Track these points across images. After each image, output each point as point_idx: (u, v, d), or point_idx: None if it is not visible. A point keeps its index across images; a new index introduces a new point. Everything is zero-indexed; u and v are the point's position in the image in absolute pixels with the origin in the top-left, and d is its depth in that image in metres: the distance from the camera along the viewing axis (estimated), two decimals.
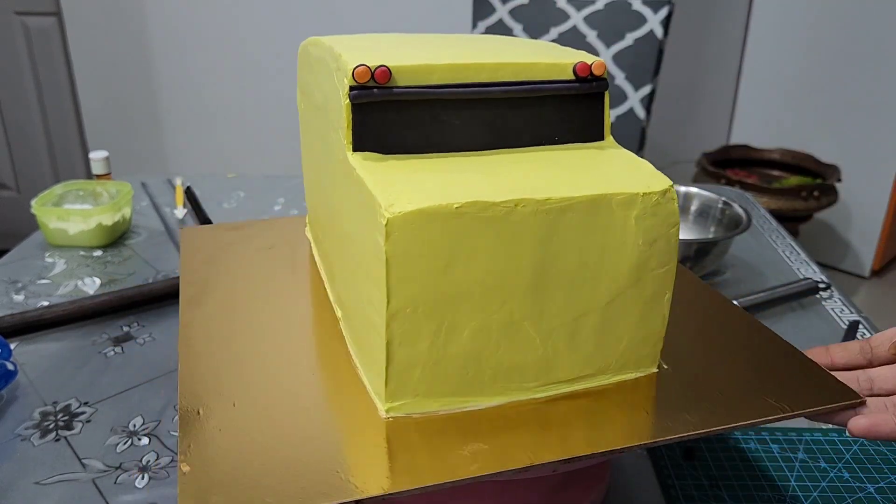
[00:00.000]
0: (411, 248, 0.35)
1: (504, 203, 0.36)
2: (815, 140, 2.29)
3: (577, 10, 1.43)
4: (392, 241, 0.35)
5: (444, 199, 0.36)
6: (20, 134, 2.30)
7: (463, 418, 0.39)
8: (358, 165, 0.40)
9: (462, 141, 0.43)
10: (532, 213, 0.37)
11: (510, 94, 0.43)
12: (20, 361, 0.65)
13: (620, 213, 0.39)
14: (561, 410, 0.40)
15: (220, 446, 0.37)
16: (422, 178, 0.39)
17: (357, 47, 0.44)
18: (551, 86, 0.44)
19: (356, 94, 0.40)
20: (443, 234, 0.36)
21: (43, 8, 2.15)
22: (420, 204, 0.35)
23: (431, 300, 0.37)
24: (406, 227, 0.35)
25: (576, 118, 0.45)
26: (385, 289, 0.36)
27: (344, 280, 0.47)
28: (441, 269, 0.36)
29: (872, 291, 2.29)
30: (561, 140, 0.45)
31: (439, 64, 0.41)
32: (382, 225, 0.35)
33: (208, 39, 2.11)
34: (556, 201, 0.37)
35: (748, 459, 0.55)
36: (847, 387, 0.43)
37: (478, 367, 0.39)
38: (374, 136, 0.42)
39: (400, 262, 0.36)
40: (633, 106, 1.41)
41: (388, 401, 0.39)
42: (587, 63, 0.44)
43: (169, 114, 2.21)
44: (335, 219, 0.48)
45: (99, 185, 0.94)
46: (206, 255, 0.60)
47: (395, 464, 0.36)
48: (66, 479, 0.51)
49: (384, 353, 0.38)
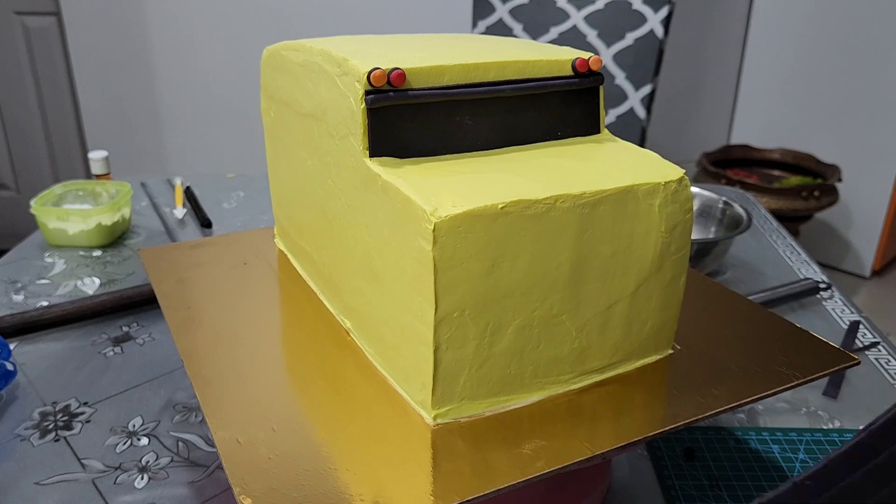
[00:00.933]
0: (458, 252, 0.35)
1: (545, 200, 0.37)
2: (816, 140, 2.29)
3: (578, 9, 1.43)
4: (439, 245, 0.35)
5: (488, 200, 0.36)
6: (19, 134, 2.30)
7: (507, 418, 0.40)
8: (382, 171, 0.39)
9: (474, 141, 0.43)
10: (570, 207, 0.38)
11: (518, 92, 0.44)
12: (20, 361, 0.65)
13: (645, 203, 0.41)
14: (593, 399, 0.41)
15: (273, 474, 0.36)
16: (455, 180, 0.38)
17: (360, 50, 0.44)
18: (553, 82, 0.45)
19: (372, 99, 0.39)
20: (488, 235, 0.36)
21: (42, 8, 2.15)
22: (465, 206, 0.35)
23: (478, 302, 0.37)
24: (453, 230, 0.35)
25: (575, 113, 0.47)
26: (433, 295, 0.36)
27: (358, 290, 0.46)
28: (486, 271, 0.36)
29: (873, 291, 2.29)
30: (563, 135, 0.47)
31: (450, 65, 0.41)
32: (429, 230, 0.34)
33: (208, 39, 2.11)
34: (590, 195, 0.38)
35: (748, 459, 0.55)
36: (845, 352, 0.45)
37: (519, 365, 0.40)
38: (390, 141, 0.41)
39: (447, 267, 0.35)
40: (633, 106, 1.40)
41: (435, 408, 0.38)
42: (585, 59, 0.45)
43: (169, 114, 2.21)
44: (342, 228, 0.47)
45: (98, 185, 0.94)
46: (177, 276, 0.57)
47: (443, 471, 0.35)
48: (65, 479, 0.51)
49: (431, 360, 0.37)
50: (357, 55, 0.42)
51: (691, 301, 0.52)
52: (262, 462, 0.36)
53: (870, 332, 0.73)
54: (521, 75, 0.44)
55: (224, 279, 0.56)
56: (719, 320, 0.49)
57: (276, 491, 0.34)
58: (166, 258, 0.60)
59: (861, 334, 0.72)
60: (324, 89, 0.45)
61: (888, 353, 0.69)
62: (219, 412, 0.40)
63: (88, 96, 2.18)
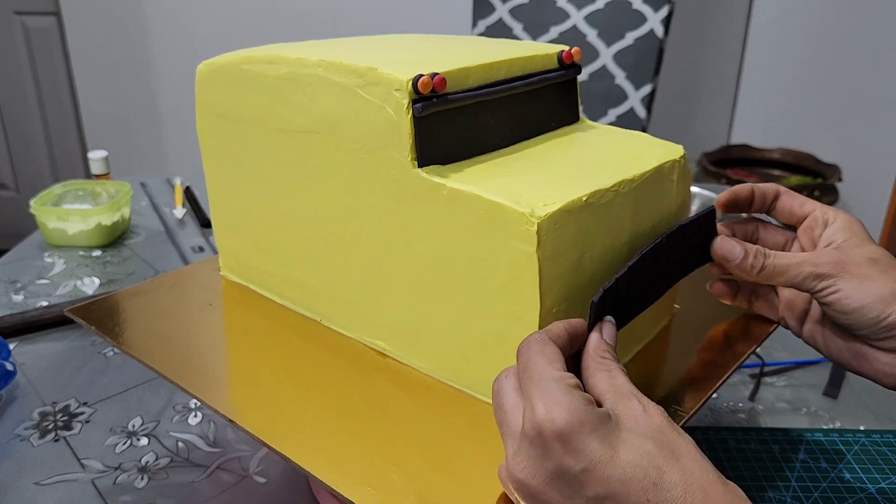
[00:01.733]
0: (558, 248, 0.36)
1: (612, 187, 0.39)
2: (816, 139, 2.29)
3: (578, 9, 1.43)
4: (542, 245, 0.35)
5: (572, 195, 0.37)
6: (19, 134, 2.30)
7: None
8: (444, 180, 0.38)
9: (496, 140, 0.44)
10: (628, 192, 0.40)
11: (525, 88, 0.45)
12: (19, 361, 0.65)
13: (669, 178, 0.44)
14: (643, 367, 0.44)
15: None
16: (519, 180, 0.39)
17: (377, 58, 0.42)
18: (548, 76, 0.47)
19: (421, 107, 0.38)
20: (576, 228, 0.37)
21: (42, 8, 2.15)
22: (557, 203, 0.36)
23: (569, 295, 0.38)
24: (552, 228, 0.35)
25: (564, 103, 0.50)
26: (537, 295, 0.36)
27: (407, 306, 0.43)
28: (575, 263, 0.37)
29: None
30: (556, 125, 0.49)
31: (474, 66, 0.42)
32: (531, 231, 0.35)
33: (208, 39, 2.11)
34: (639, 177, 0.41)
35: (748, 459, 0.55)
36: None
37: None
38: (435, 148, 0.40)
39: (549, 265, 0.36)
40: (633, 105, 1.40)
41: None
42: (569, 51, 0.48)
43: (168, 114, 2.21)
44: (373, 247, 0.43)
45: (98, 185, 0.94)
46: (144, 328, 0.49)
47: None
48: (65, 479, 0.51)
49: None
50: (384, 64, 0.40)
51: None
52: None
53: None
54: (524, 71, 0.45)
55: (201, 326, 0.50)
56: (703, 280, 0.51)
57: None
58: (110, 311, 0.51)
59: None
60: (332, 102, 0.42)
61: None
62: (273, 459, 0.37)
63: (88, 96, 2.18)
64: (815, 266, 0.40)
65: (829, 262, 0.40)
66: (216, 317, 0.51)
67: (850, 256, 0.41)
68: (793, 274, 0.41)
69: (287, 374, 0.44)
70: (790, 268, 0.41)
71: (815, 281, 0.40)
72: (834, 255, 0.41)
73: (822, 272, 0.40)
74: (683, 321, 0.49)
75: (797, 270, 0.41)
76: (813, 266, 0.40)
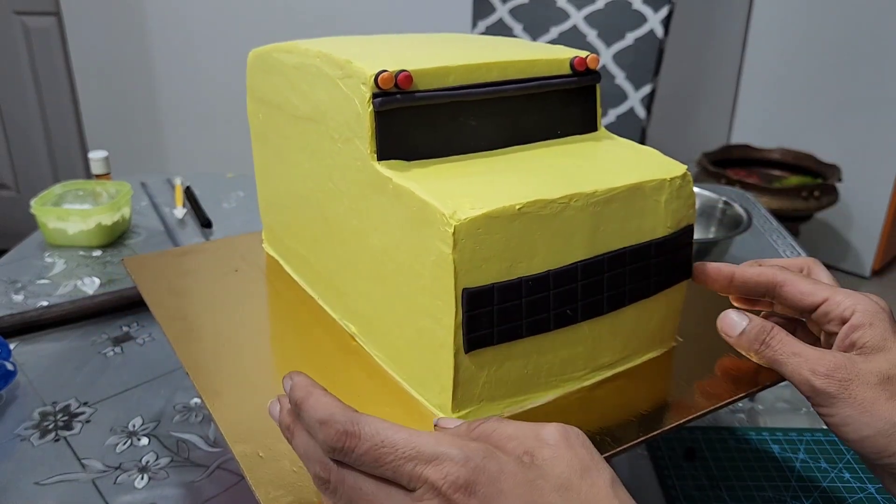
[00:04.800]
0: (477, 254, 0.35)
1: (560, 199, 0.37)
2: (816, 140, 2.29)
3: (578, 9, 1.43)
4: (459, 248, 0.35)
5: (505, 201, 0.36)
6: (20, 134, 2.30)
7: (524, 417, 0.40)
8: (393, 175, 0.39)
9: (479, 142, 0.43)
10: (583, 206, 0.38)
11: (520, 92, 0.44)
12: (20, 361, 0.65)
13: (652, 199, 0.41)
14: (605, 394, 0.42)
15: (302, 485, 0.35)
16: (468, 182, 0.38)
17: (362, 52, 0.43)
18: (553, 81, 0.45)
19: (381, 101, 0.39)
20: (505, 236, 0.36)
21: (42, 7, 2.15)
22: (483, 208, 0.35)
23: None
24: (472, 232, 0.35)
25: (575, 111, 0.47)
26: (453, 298, 0.35)
27: (366, 294, 0.45)
28: (504, 271, 0.36)
29: (873, 291, 2.28)
30: (563, 133, 0.47)
31: (455, 65, 0.41)
32: (448, 233, 0.34)
33: (208, 39, 2.10)
34: (602, 193, 0.39)
35: (748, 459, 0.55)
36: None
37: (536, 364, 0.40)
38: (398, 144, 0.40)
39: (467, 269, 0.35)
40: (633, 106, 1.40)
41: (456, 410, 0.38)
42: (583, 57, 0.46)
43: (169, 113, 2.20)
44: (345, 232, 0.46)
45: (98, 185, 0.94)
46: (167, 285, 0.55)
47: None
48: (65, 479, 0.51)
49: (451, 364, 0.37)
50: (360, 57, 0.41)
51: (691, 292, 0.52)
52: (288, 475, 0.36)
53: None
54: (523, 75, 0.44)
55: (217, 287, 0.55)
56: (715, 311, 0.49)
57: (304, 501, 0.34)
58: (152, 267, 0.58)
59: None
60: (323, 92, 0.44)
61: None
62: (234, 426, 0.39)
63: (88, 96, 2.18)
64: (814, 375, 0.35)
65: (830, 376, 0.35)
66: (233, 283, 0.56)
67: (859, 372, 0.35)
68: (789, 372, 0.36)
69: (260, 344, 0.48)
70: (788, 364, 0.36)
71: (812, 394, 0.36)
72: (839, 369, 0.35)
73: (821, 388, 0.35)
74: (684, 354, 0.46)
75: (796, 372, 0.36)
76: (812, 374, 0.35)
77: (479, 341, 0.37)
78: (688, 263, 0.45)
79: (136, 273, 0.57)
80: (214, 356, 0.46)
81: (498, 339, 0.37)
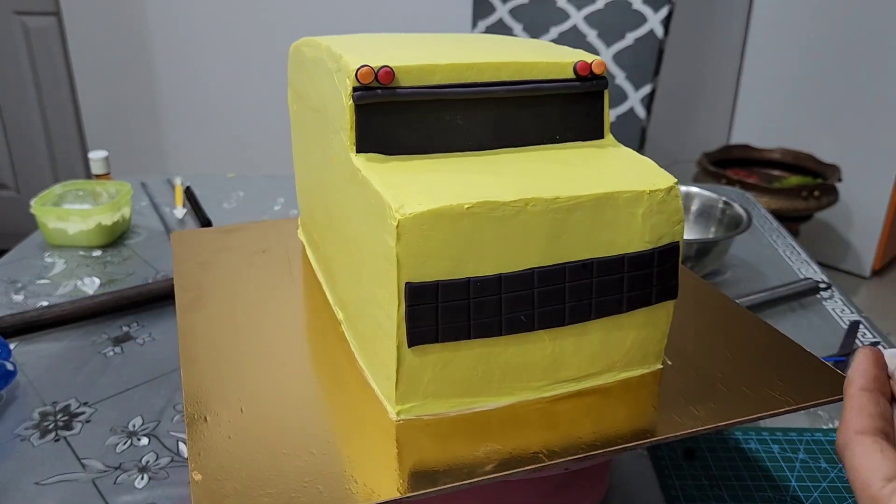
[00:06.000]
0: (422, 249, 0.35)
1: (514, 203, 0.36)
2: (816, 140, 2.29)
3: (578, 9, 1.43)
4: (403, 242, 0.35)
5: (454, 200, 0.35)
6: (20, 134, 2.30)
7: (473, 419, 0.39)
8: (363, 167, 0.40)
9: (466, 141, 0.43)
10: (541, 212, 0.37)
11: (512, 94, 0.43)
12: (20, 361, 0.65)
13: (627, 211, 0.39)
14: (568, 409, 0.40)
15: (231, 453, 0.37)
16: (429, 178, 0.39)
17: (357, 48, 0.44)
18: (552, 85, 0.44)
19: (360, 95, 0.40)
20: (453, 235, 0.36)
21: (42, 8, 2.15)
22: (430, 205, 0.35)
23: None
24: (417, 228, 0.35)
25: (576, 117, 0.46)
26: (396, 290, 0.36)
27: (346, 282, 0.46)
28: (451, 270, 0.36)
29: (873, 291, 2.29)
30: (562, 139, 0.46)
31: (442, 64, 0.41)
32: (393, 226, 0.35)
33: (208, 39, 2.11)
34: (564, 200, 0.37)
35: (748, 459, 0.55)
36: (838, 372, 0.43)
37: (487, 368, 0.39)
38: (377, 138, 0.41)
39: (410, 264, 0.35)
40: (633, 106, 1.40)
41: (399, 403, 0.39)
42: (587, 62, 0.44)
43: (169, 114, 2.21)
44: (336, 221, 0.48)
45: (98, 185, 0.94)
46: (199, 259, 0.59)
47: (407, 467, 0.36)
48: (65, 479, 0.51)
49: (394, 356, 0.37)
50: (352, 52, 0.42)
51: (690, 312, 0.51)
52: (222, 440, 0.37)
53: (870, 332, 0.73)
54: (519, 77, 0.43)
55: (240, 265, 0.58)
56: (717, 335, 0.48)
57: (226, 468, 0.35)
58: (192, 242, 0.63)
59: (861, 334, 0.72)
60: (326, 84, 0.45)
61: None
62: (195, 388, 0.42)
63: (88, 96, 2.18)
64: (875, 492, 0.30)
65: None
66: (256, 262, 0.59)
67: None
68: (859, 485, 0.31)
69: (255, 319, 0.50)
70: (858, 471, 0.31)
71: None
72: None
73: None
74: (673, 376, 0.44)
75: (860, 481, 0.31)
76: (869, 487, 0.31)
77: (422, 337, 0.37)
78: (673, 282, 0.42)
79: (177, 246, 0.62)
80: (209, 325, 0.49)
81: (443, 336, 0.37)
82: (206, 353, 0.46)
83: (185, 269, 0.58)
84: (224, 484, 0.34)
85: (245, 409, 0.40)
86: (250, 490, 0.34)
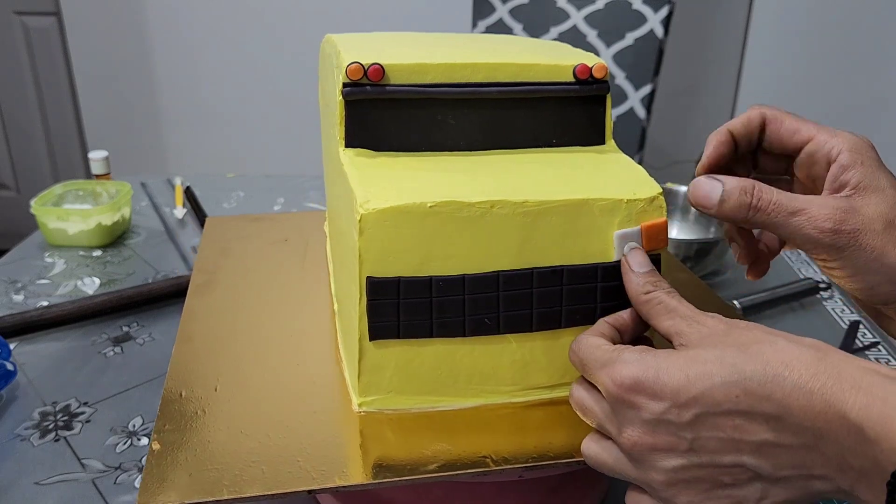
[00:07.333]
0: (385, 245, 0.36)
1: (480, 204, 0.36)
2: None
3: (578, 9, 1.43)
4: (366, 236, 0.36)
5: (419, 198, 0.36)
6: (20, 134, 2.30)
7: (437, 417, 0.39)
8: (346, 161, 0.41)
9: (456, 141, 0.43)
10: (509, 214, 0.37)
11: (507, 95, 0.42)
12: (20, 361, 0.65)
13: (602, 219, 0.38)
14: (539, 416, 0.40)
15: (194, 429, 0.38)
16: (404, 175, 0.39)
17: (357, 45, 0.45)
18: (550, 88, 0.43)
19: (349, 91, 0.41)
20: (418, 232, 0.36)
21: (42, 8, 2.15)
22: (395, 201, 0.36)
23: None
24: (380, 223, 0.36)
25: (575, 121, 0.44)
26: (359, 283, 0.37)
27: (338, 275, 0.48)
28: (415, 267, 0.37)
29: None
30: (559, 143, 0.45)
31: (434, 63, 0.41)
32: (357, 221, 0.36)
33: (208, 39, 2.10)
34: (533, 204, 0.37)
35: None
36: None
37: (451, 368, 0.39)
38: (365, 133, 0.42)
39: (375, 257, 0.36)
40: (633, 106, 1.40)
41: (361, 395, 0.40)
42: (587, 65, 0.43)
43: (169, 114, 2.20)
44: (334, 214, 0.50)
45: (98, 185, 0.94)
46: (221, 245, 0.61)
47: (356, 458, 0.36)
48: (65, 479, 0.51)
49: (357, 349, 0.38)
50: (350, 49, 0.43)
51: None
52: (190, 416, 0.39)
53: (869, 333, 0.73)
54: (515, 78, 0.42)
55: (258, 252, 0.60)
56: None
57: (184, 442, 0.37)
58: (222, 228, 0.66)
59: (861, 334, 0.72)
60: (332, 80, 0.46)
61: (888, 354, 0.69)
62: (180, 366, 0.43)
63: (88, 96, 2.18)
64: (821, 233, 0.32)
65: (838, 231, 0.32)
66: (276, 250, 0.61)
67: (864, 218, 0.32)
68: (790, 233, 0.33)
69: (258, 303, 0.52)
70: (788, 226, 0.33)
71: (819, 251, 0.33)
72: (846, 220, 0.32)
73: (825, 241, 0.32)
74: None
75: (798, 233, 0.32)
76: (819, 233, 0.32)
77: (383, 331, 0.37)
78: None
79: (208, 231, 0.65)
80: (214, 308, 0.51)
81: (404, 332, 0.38)
82: (202, 333, 0.47)
83: (206, 253, 0.60)
84: (179, 457, 0.36)
85: (220, 388, 0.42)
86: (202, 464, 0.35)
